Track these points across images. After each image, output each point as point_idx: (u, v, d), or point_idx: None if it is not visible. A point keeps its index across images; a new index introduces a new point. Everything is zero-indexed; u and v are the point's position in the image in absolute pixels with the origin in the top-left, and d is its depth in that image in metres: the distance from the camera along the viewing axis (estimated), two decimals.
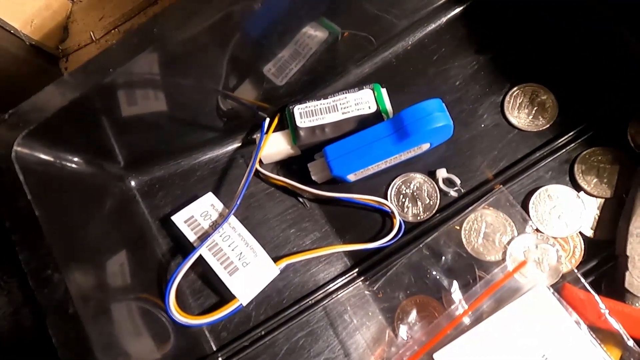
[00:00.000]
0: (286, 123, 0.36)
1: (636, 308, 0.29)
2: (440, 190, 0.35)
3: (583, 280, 0.29)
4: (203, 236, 0.33)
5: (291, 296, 0.34)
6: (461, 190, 0.35)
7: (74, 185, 0.32)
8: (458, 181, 0.35)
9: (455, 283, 0.31)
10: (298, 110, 0.36)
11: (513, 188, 0.34)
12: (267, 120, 0.37)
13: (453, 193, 0.35)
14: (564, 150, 0.34)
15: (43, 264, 0.25)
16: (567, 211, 0.33)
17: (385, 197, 0.35)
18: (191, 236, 0.33)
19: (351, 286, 0.34)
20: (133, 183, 0.38)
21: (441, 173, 0.35)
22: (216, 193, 0.36)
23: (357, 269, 0.34)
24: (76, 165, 0.32)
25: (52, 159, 0.30)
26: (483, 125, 0.36)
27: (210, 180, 0.38)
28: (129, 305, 0.30)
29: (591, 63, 0.35)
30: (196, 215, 0.34)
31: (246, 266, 0.33)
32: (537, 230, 0.32)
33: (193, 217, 0.34)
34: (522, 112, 0.36)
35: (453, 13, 0.39)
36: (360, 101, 0.35)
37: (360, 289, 0.34)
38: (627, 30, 0.34)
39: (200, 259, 0.32)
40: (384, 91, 0.36)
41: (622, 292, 0.29)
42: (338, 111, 0.35)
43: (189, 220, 0.34)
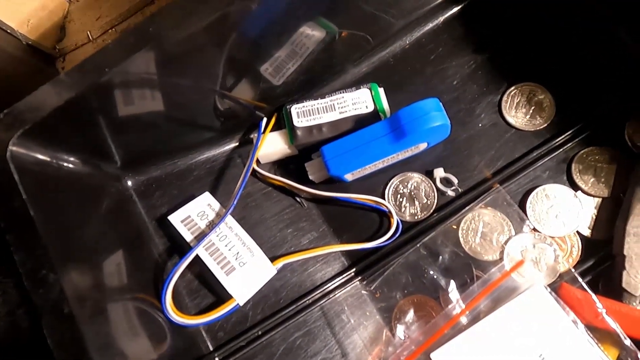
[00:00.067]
0: (283, 123, 0.36)
1: (633, 307, 0.29)
2: (437, 189, 0.35)
3: (580, 279, 0.29)
4: (200, 236, 0.33)
5: (288, 296, 0.34)
6: (458, 189, 0.35)
7: (71, 185, 0.32)
8: (455, 181, 0.35)
9: (452, 282, 0.31)
10: (295, 109, 0.36)
11: (510, 187, 0.34)
12: (265, 119, 0.37)
13: (450, 192, 0.35)
14: (562, 149, 0.34)
15: (38, 264, 0.25)
16: (565, 211, 0.33)
17: (382, 197, 0.35)
18: (188, 236, 0.33)
19: (348, 286, 0.34)
20: (130, 183, 0.38)
21: (439, 172, 0.35)
22: (213, 193, 0.36)
23: (355, 269, 0.34)
24: (72, 165, 0.32)
25: (48, 159, 0.30)
26: (480, 124, 0.36)
27: (207, 180, 0.38)
28: (126, 305, 0.30)
29: (589, 62, 0.35)
30: (193, 215, 0.34)
31: (243, 266, 0.33)
32: (535, 229, 0.32)
33: (190, 217, 0.34)
34: (520, 112, 0.36)
35: (450, 12, 0.39)
36: (357, 101, 0.35)
37: (357, 289, 0.34)
38: (625, 29, 0.34)
39: (197, 259, 0.32)
40: (382, 91, 0.36)
41: (620, 292, 0.29)
42: (335, 111, 0.35)
43: (186, 220, 0.34)
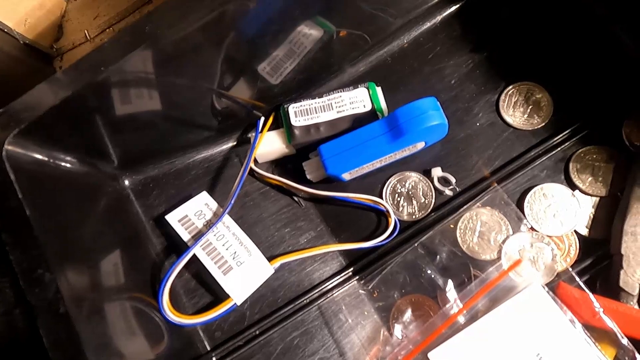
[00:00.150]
0: (281, 122, 0.36)
1: (631, 307, 0.29)
2: (435, 189, 0.35)
3: (578, 278, 0.29)
4: (197, 235, 0.33)
5: (286, 295, 0.34)
6: (456, 189, 0.35)
7: (67, 184, 0.31)
8: (453, 180, 0.35)
9: (450, 282, 0.31)
10: (293, 109, 0.36)
11: (508, 187, 0.34)
12: (262, 119, 0.37)
13: (448, 192, 0.35)
14: (559, 148, 0.34)
15: (34, 264, 0.25)
16: (562, 210, 0.33)
17: (380, 196, 0.35)
18: (185, 235, 0.33)
19: (346, 285, 0.34)
20: (127, 182, 0.38)
21: (436, 172, 0.35)
22: (210, 192, 0.36)
23: (352, 268, 0.34)
24: (69, 164, 0.32)
25: (45, 158, 0.30)
26: (478, 123, 0.36)
27: (204, 179, 0.38)
28: (123, 305, 0.30)
29: (586, 62, 0.35)
30: (190, 214, 0.34)
31: (240, 265, 0.32)
32: (532, 228, 0.32)
33: (187, 217, 0.34)
34: (517, 111, 0.36)
35: (448, 12, 0.39)
36: (355, 100, 0.35)
37: (355, 288, 0.34)
38: (622, 29, 0.34)
39: (194, 259, 0.32)
40: (379, 90, 0.36)
41: (617, 291, 0.29)
42: (333, 110, 0.35)
43: (183, 219, 0.34)
